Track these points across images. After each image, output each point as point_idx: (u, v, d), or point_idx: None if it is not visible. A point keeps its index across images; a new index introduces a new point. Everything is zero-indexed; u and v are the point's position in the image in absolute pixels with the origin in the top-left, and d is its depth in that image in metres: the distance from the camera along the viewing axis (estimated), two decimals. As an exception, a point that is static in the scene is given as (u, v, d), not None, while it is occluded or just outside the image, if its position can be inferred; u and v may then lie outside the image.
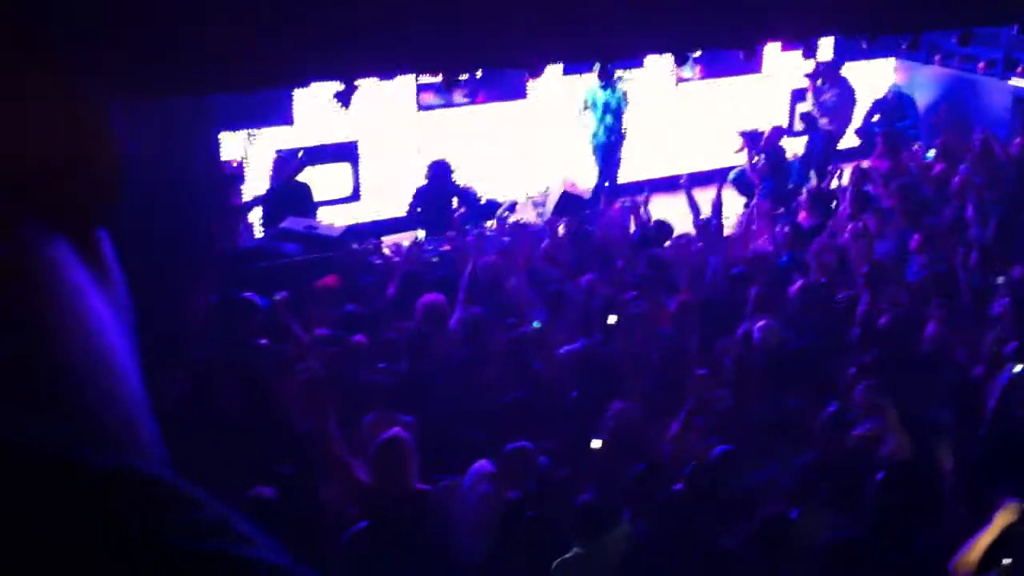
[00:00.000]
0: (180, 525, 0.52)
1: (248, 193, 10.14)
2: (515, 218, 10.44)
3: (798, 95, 13.57)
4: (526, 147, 12.38)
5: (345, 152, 11.28)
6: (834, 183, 11.24)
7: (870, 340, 7.26)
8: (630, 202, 10.38)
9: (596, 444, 5.84)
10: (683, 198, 10.45)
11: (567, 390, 6.83)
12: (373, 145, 11.46)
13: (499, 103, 12.18)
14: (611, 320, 7.51)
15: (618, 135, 12.10)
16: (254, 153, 10.60)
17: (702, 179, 12.29)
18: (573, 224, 9.58)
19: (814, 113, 12.66)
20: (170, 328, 6.89)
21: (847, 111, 12.75)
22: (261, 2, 5.70)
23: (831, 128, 12.59)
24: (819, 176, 11.96)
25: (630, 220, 10.11)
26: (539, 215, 11.56)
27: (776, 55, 13.29)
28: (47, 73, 0.65)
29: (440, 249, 9.50)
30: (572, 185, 11.81)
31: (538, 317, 7.59)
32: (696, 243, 9.38)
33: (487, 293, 8.08)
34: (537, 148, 12.43)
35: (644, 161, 12.85)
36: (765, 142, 11.87)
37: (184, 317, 7.48)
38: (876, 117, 13.78)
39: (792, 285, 8.14)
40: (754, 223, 10.07)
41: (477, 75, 11.82)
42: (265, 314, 7.43)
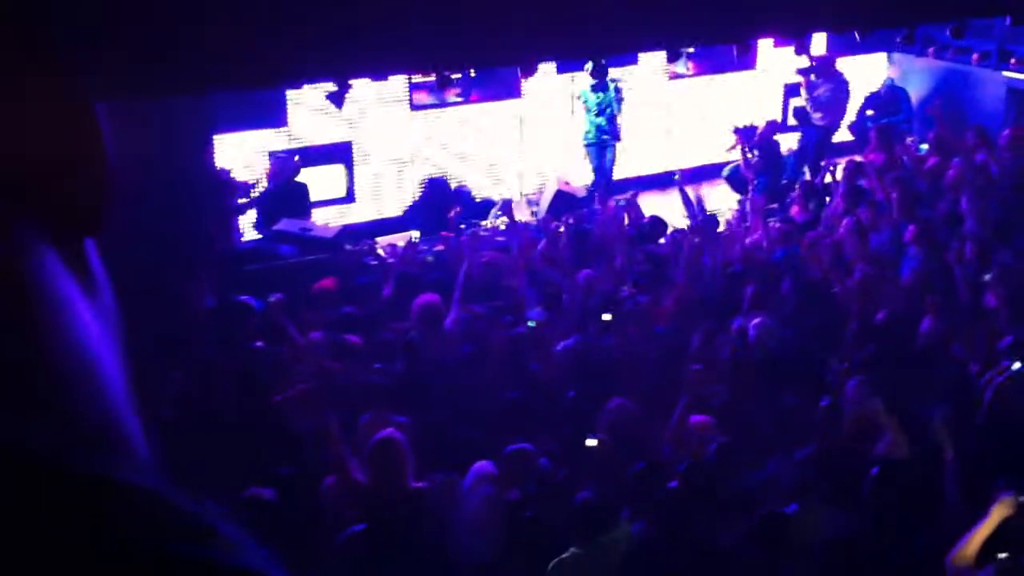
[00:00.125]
0: (166, 531, 0.52)
1: (243, 195, 10.13)
2: (508, 218, 10.43)
3: (791, 90, 13.57)
4: (520, 146, 12.37)
5: (339, 153, 11.27)
6: (828, 178, 11.24)
7: (866, 336, 7.25)
8: (625, 201, 10.38)
9: (591, 443, 5.84)
10: (676, 194, 10.45)
11: (565, 389, 6.82)
12: (367, 146, 11.44)
13: (493, 102, 12.16)
14: (606, 317, 7.50)
15: (611, 135, 12.09)
16: (246, 156, 10.59)
17: (696, 175, 12.31)
18: (571, 222, 9.57)
19: (807, 108, 12.65)
20: (167, 329, 6.89)
21: (841, 106, 12.74)
22: (254, 3, 5.69)
23: (825, 123, 12.58)
24: (812, 171, 11.96)
25: (624, 217, 10.11)
26: (533, 214, 11.55)
27: (769, 51, 13.28)
28: (37, 74, 0.65)
29: (434, 249, 9.50)
30: (566, 183, 11.81)
31: (534, 316, 7.58)
32: (691, 239, 9.38)
33: (484, 292, 8.07)
34: (531, 147, 12.42)
35: (638, 157, 12.85)
36: (759, 138, 11.87)
37: (181, 319, 7.48)
38: (870, 111, 13.78)
39: (786, 281, 8.13)
40: (748, 219, 10.07)
41: (471, 74, 11.84)
42: (260, 316, 7.43)
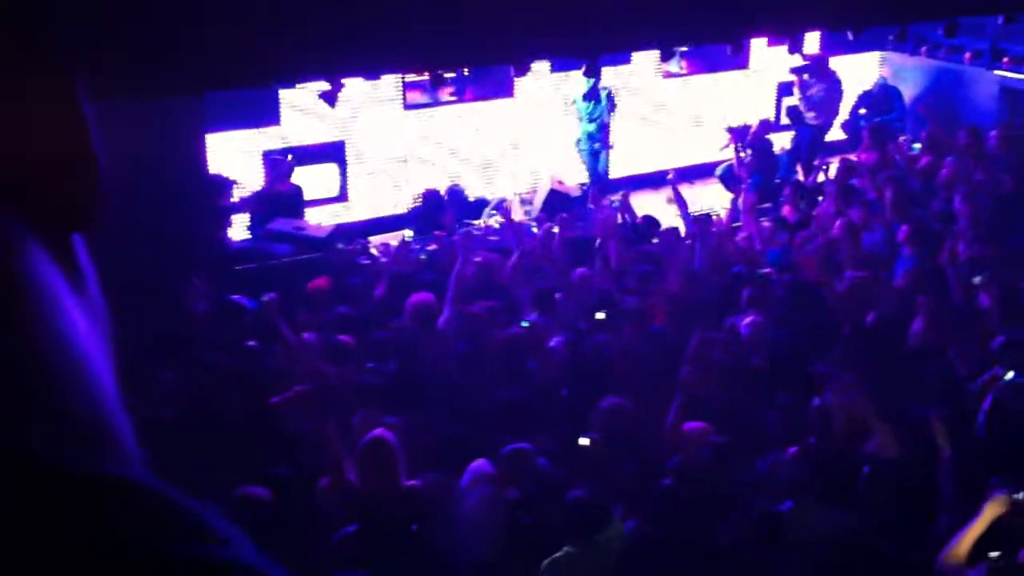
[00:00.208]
0: (156, 527, 0.52)
1: (236, 195, 10.12)
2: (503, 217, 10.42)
3: (785, 89, 13.58)
4: (514, 145, 12.36)
5: (332, 152, 11.25)
6: (820, 177, 11.26)
7: (858, 336, 7.25)
8: (619, 202, 10.39)
9: (584, 442, 5.84)
10: (670, 193, 10.45)
11: (560, 388, 6.82)
12: (360, 145, 11.43)
13: (486, 101, 12.16)
14: (600, 316, 7.51)
15: (602, 143, 12.11)
16: (239, 156, 10.57)
17: (690, 174, 12.32)
18: (565, 222, 9.57)
19: (801, 107, 12.67)
20: (161, 329, 6.89)
21: (834, 105, 12.76)
22: (248, 2, 5.69)
23: (818, 122, 12.60)
24: (806, 170, 11.97)
25: (618, 217, 10.11)
26: (527, 213, 11.55)
27: (763, 50, 13.29)
28: (23, 70, 0.64)
29: (428, 248, 9.49)
30: (560, 183, 11.81)
31: (528, 315, 7.58)
32: (685, 238, 9.40)
33: (479, 292, 8.06)
34: (525, 146, 12.42)
35: (631, 156, 12.86)
36: (752, 137, 11.88)
37: (175, 319, 7.47)
38: (863, 110, 13.80)
39: (778, 280, 8.14)
40: (740, 218, 10.08)
41: (464, 73, 11.84)
42: (254, 316, 7.42)
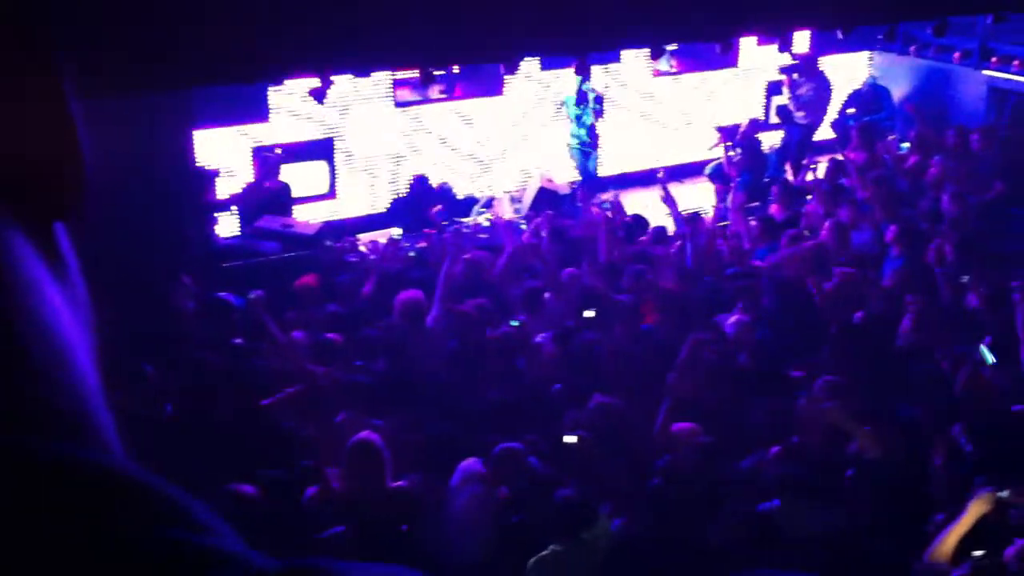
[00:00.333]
0: (137, 513, 0.52)
1: (225, 191, 10.10)
2: (493, 215, 10.43)
3: (774, 89, 13.60)
4: (503, 143, 12.36)
5: (321, 149, 11.23)
6: (809, 176, 11.29)
7: (845, 336, 7.27)
8: (609, 204, 10.39)
9: (570, 439, 5.84)
10: (660, 192, 10.45)
11: (550, 387, 6.82)
12: (349, 142, 11.42)
13: (476, 99, 12.15)
14: (589, 314, 7.51)
15: (591, 146, 12.12)
16: (227, 152, 10.54)
17: (679, 173, 12.33)
18: (550, 219, 9.56)
19: (790, 107, 12.69)
20: (150, 327, 6.87)
21: (823, 105, 12.79)
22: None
23: (807, 121, 12.63)
24: (795, 169, 12.00)
25: (608, 215, 10.11)
26: (516, 211, 11.55)
27: (752, 49, 13.31)
28: (13, 70, 0.64)
29: (417, 246, 9.48)
30: (549, 181, 11.81)
31: (519, 316, 7.58)
32: (674, 237, 9.41)
33: (468, 290, 8.06)
34: (514, 144, 12.41)
35: (621, 155, 12.87)
36: (741, 135, 11.90)
37: (164, 316, 7.45)
38: (852, 110, 13.83)
39: (765, 280, 8.16)
40: (729, 217, 10.10)
41: (454, 71, 11.82)
42: (241, 313, 7.40)
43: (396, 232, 9.94)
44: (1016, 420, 6.22)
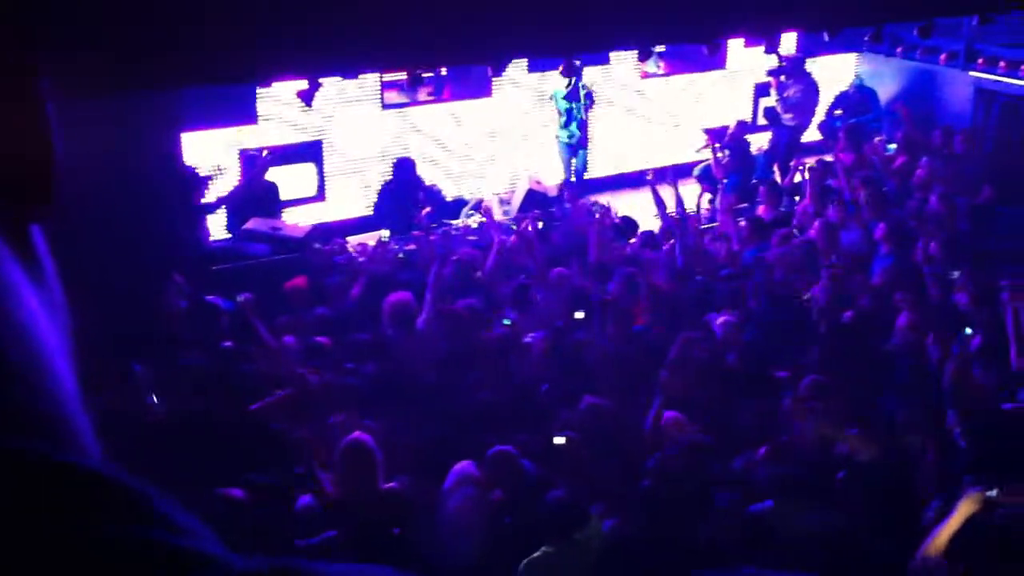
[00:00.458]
0: (116, 515, 0.53)
1: (213, 194, 10.06)
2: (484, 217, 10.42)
3: (762, 90, 13.64)
4: (492, 145, 12.36)
5: (309, 152, 11.21)
6: (797, 177, 11.32)
7: (835, 335, 7.29)
8: (599, 207, 10.39)
9: (559, 440, 5.83)
10: (649, 194, 10.47)
11: (540, 387, 6.82)
12: (337, 144, 11.40)
13: (464, 101, 12.14)
14: (579, 315, 7.51)
15: (580, 142, 12.13)
16: (215, 154, 10.51)
17: (667, 174, 12.34)
18: (536, 219, 9.56)
19: (778, 109, 12.73)
20: (139, 328, 6.84)
21: (810, 106, 12.83)
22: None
23: (794, 123, 12.66)
24: (782, 171, 12.03)
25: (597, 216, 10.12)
26: (505, 213, 11.55)
27: (740, 50, 13.35)
28: None
29: (405, 248, 9.46)
30: (538, 182, 11.82)
31: (510, 316, 7.58)
32: (662, 235, 9.42)
33: (458, 289, 8.05)
34: (503, 146, 12.42)
35: (610, 156, 12.88)
36: (729, 137, 11.93)
37: (153, 318, 7.42)
38: (839, 111, 13.87)
39: (754, 280, 8.17)
40: (718, 218, 10.12)
41: (442, 73, 11.82)
42: (230, 316, 7.38)
43: (385, 234, 9.93)
44: (1005, 418, 6.24)
